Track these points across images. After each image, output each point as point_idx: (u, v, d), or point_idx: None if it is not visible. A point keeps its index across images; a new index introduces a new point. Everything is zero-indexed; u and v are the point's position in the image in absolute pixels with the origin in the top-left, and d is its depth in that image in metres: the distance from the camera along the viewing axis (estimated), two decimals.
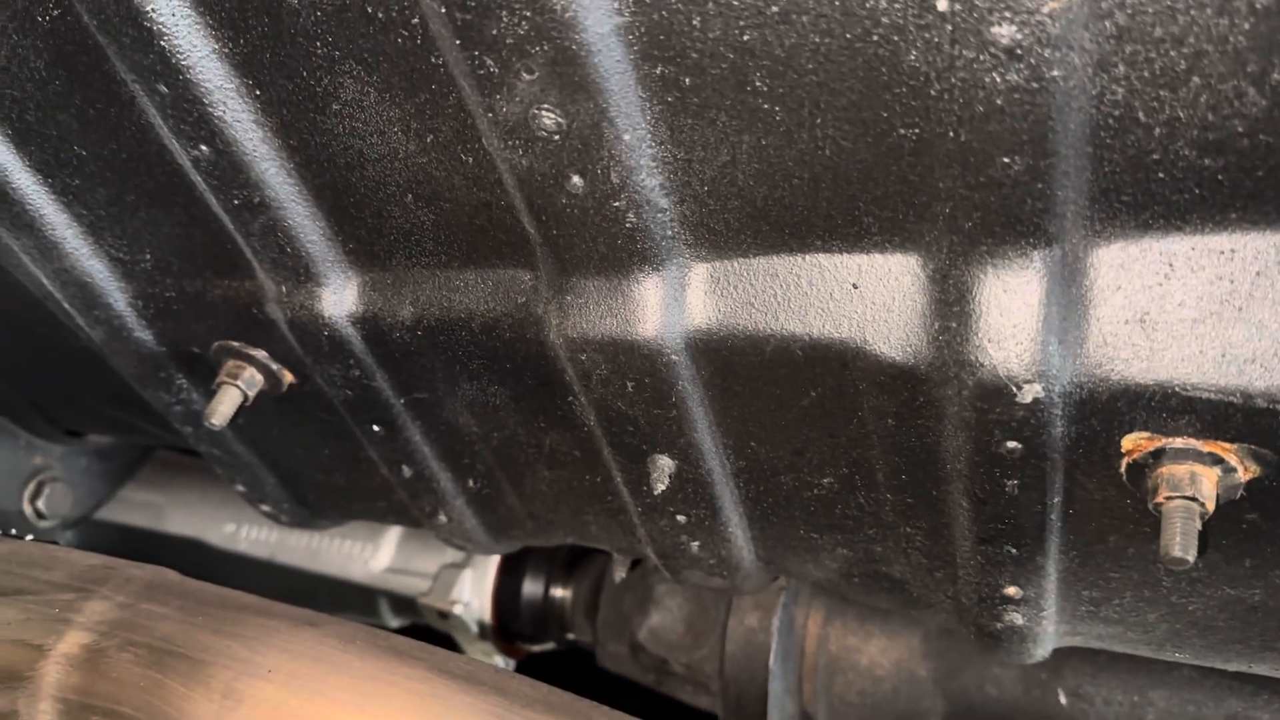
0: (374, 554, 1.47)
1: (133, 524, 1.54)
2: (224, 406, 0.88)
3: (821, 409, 0.75)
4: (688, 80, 0.61)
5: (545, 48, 0.59)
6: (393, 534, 1.49)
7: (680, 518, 0.88)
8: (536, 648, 1.46)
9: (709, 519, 0.87)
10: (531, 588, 1.40)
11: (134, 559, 1.35)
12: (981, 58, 0.52)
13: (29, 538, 0.97)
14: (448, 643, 1.44)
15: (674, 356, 0.73)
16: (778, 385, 0.74)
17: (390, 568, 1.46)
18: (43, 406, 1.33)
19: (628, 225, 0.68)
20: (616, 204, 0.67)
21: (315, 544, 1.49)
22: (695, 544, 0.90)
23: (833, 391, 0.73)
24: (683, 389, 0.75)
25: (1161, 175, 0.57)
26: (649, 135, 0.64)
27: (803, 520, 0.86)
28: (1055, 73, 0.52)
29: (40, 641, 0.75)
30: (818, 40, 0.56)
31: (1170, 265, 0.61)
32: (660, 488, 0.82)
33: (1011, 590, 0.81)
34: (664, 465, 0.82)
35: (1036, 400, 0.64)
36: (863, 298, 0.68)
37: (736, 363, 0.73)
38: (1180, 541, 0.64)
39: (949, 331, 0.65)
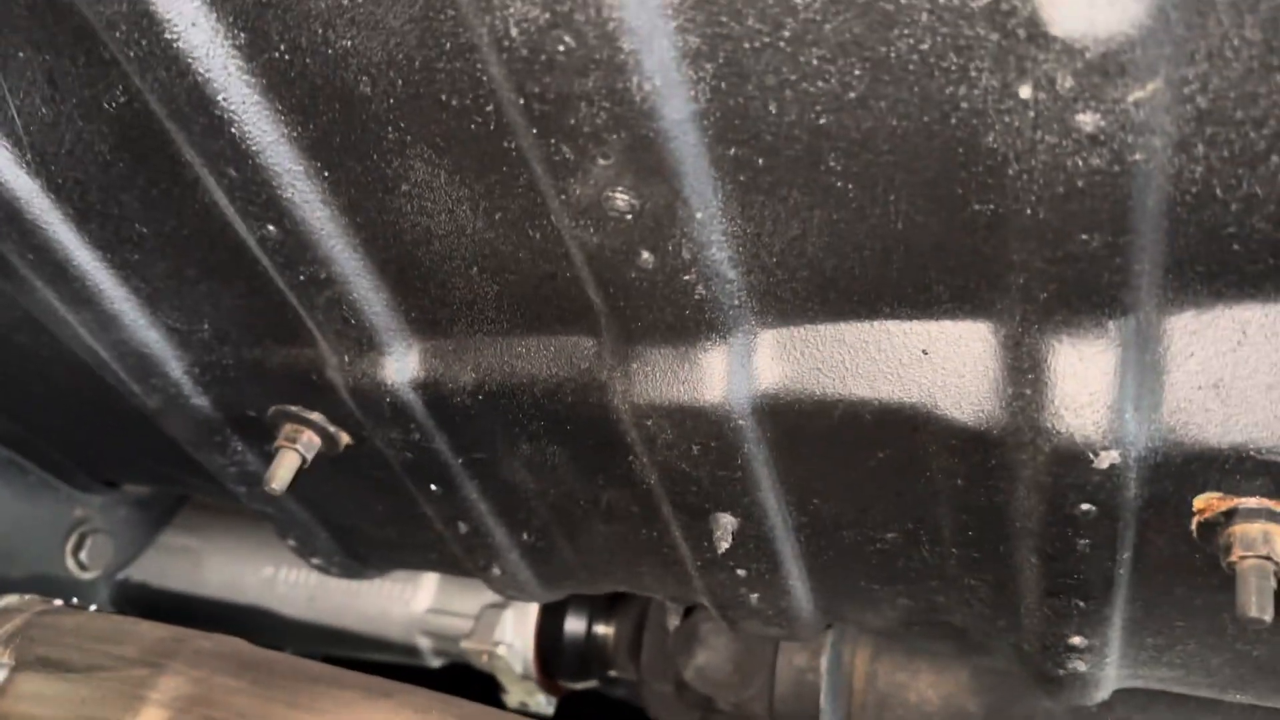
0: (414, 594, 1.48)
1: (171, 571, 1.54)
2: (283, 470, 0.89)
3: (889, 469, 0.75)
4: (761, 160, 0.61)
5: (622, 135, 0.59)
6: (432, 574, 1.49)
7: (740, 572, 0.88)
8: (579, 685, 1.46)
9: (769, 573, 0.87)
10: (574, 626, 1.41)
11: (170, 608, 1.35)
12: (1064, 143, 0.53)
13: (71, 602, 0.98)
14: (490, 683, 1.44)
15: (740, 421, 0.74)
16: (845, 447, 0.75)
17: (431, 608, 1.47)
18: (84, 460, 1.33)
19: (696, 297, 0.68)
20: (686, 277, 0.67)
21: (355, 585, 1.49)
22: (754, 596, 0.91)
23: (901, 453, 0.73)
24: (748, 451, 0.76)
25: (1236, 247, 0.58)
26: (720, 212, 0.64)
27: (864, 573, 0.87)
28: (1137, 156, 0.53)
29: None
30: (895, 123, 0.57)
31: (1244, 332, 0.62)
32: (723, 546, 0.82)
33: (1076, 640, 0.81)
34: (726, 523, 0.82)
35: (1113, 466, 0.64)
36: (933, 363, 0.68)
37: (804, 426, 0.74)
38: (1256, 601, 0.64)
39: (1023, 398, 0.65)
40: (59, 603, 0.92)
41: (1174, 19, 0.49)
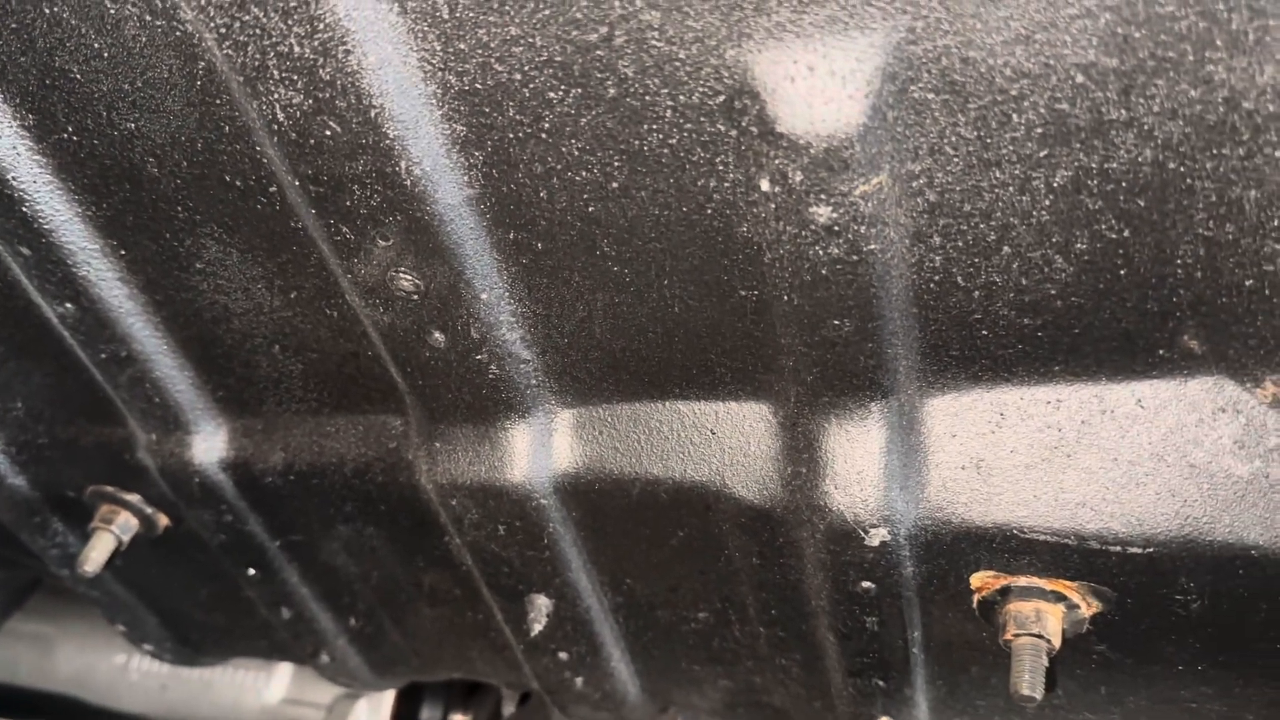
0: (267, 684, 1.43)
1: (20, 658, 1.48)
2: (96, 553, 0.87)
3: (690, 548, 0.76)
4: (540, 245, 0.63)
5: (398, 218, 0.61)
6: (286, 663, 1.45)
7: (562, 655, 0.88)
8: None
9: (590, 655, 0.87)
10: (430, 715, 1.38)
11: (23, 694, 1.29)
12: (804, 234, 0.55)
13: None
14: None
15: (543, 500, 0.74)
16: (647, 526, 0.75)
17: (285, 699, 1.42)
18: None
19: (491, 376, 0.69)
20: (479, 357, 0.68)
21: (208, 675, 1.44)
22: (579, 680, 0.90)
23: (699, 531, 0.74)
24: (554, 531, 0.76)
25: (985, 333, 0.61)
26: (507, 293, 0.66)
27: (683, 653, 0.87)
28: (873, 246, 0.56)
29: None
30: (657, 212, 0.59)
31: (1001, 414, 0.64)
32: (538, 628, 0.82)
33: None
34: (541, 604, 0.82)
35: (884, 543, 0.66)
36: (720, 443, 0.70)
37: (605, 505, 0.75)
38: (1028, 679, 0.66)
39: (800, 476, 0.67)
40: None
41: (891, 118, 0.52)
